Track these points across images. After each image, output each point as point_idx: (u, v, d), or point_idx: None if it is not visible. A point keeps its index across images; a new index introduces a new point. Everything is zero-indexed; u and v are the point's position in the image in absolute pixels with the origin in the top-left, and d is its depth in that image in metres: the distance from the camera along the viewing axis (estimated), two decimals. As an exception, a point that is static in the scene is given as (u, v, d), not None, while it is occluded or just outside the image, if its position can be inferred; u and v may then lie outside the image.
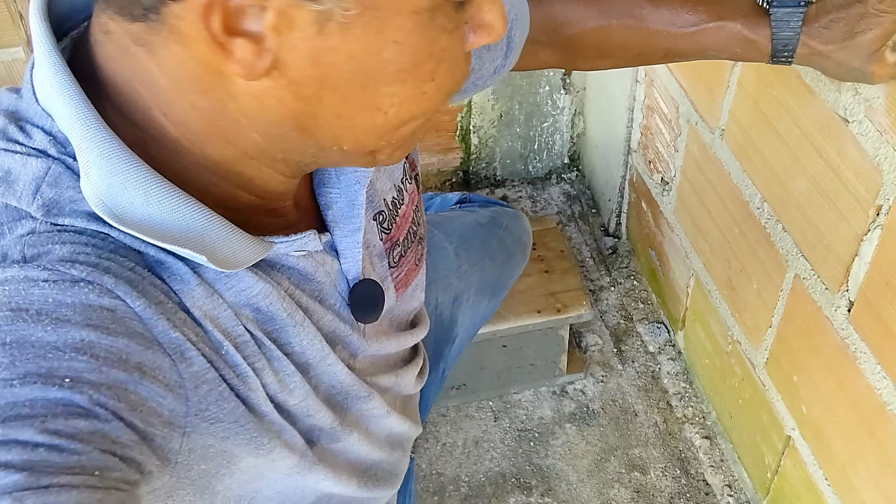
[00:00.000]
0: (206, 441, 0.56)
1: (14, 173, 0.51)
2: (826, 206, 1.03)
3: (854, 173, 0.96)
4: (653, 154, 1.58)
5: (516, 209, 1.42)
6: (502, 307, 1.46)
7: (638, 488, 1.46)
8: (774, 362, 1.25)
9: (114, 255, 0.52)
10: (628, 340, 1.68)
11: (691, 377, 1.60)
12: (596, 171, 1.93)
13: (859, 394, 1.04)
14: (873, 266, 0.96)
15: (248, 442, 0.59)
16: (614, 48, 0.89)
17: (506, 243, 1.28)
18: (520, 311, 1.47)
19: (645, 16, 0.85)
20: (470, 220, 1.27)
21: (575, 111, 1.93)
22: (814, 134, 1.02)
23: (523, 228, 1.35)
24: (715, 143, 1.30)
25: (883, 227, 0.93)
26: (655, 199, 1.61)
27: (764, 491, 1.37)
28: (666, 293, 1.66)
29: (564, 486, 1.46)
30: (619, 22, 0.86)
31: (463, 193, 1.42)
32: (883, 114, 0.89)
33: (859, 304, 1.00)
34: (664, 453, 1.51)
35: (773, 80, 1.09)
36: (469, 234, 1.23)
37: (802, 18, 0.80)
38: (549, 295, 1.49)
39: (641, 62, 0.94)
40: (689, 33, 0.84)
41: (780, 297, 1.19)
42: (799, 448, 1.23)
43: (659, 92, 1.49)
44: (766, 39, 0.82)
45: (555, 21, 0.88)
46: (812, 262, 1.09)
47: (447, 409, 1.58)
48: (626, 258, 1.82)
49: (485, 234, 1.25)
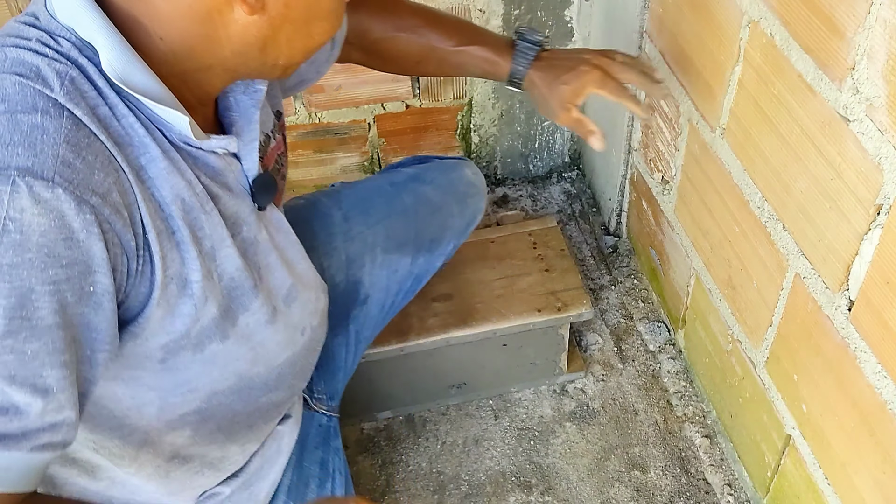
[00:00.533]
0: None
1: (44, 72, 0.70)
2: (827, 205, 1.03)
3: (855, 172, 0.96)
4: (653, 153, 1.58)
5: (464, 160, 1.44)
6: (502, 306, 1.46)
7: (638, 487, 1.46)
8: (775, 361, 1.25)
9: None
10: (629, 339, 1.68)
11: (691, 376, 1.60)
12: (596, 170, 1.93)
13: (859, 393, 1.04)
14: (874, 265, 0.96)
15: (162, 304, 0.76)
16: (400, 55, 1.18)
17: (427, 197, 1.33)
18: (520, 309, 1.47)
19: (425, 34, 1.16)
20: (378, 182, 1.35)
21: (575, 110, 1.93)
22: (814, 133, 1.02)
23: (460, 178, 1.38)
24: (716, 142, 1.30)
25: (883, 226, 0.93)
26: (656, 198, 1.61)
27: (764, 490, 1.37)
28: (666, 292, 1.66)
29: (564, 485, 1.47)
30: (406, 35, 1.16)
31: (417, 156, 1.46)
32: (884, 113, 0.89)
33: (860, 303, 1.00)
34: (664, 452, 1.51)
35: (773, 79, 1.09)
36: (369, 196, 1.32)
37: (536, 55, 1.13)
38: (550, 294, 1.49)
39: (421, 70, 1.22)
40: (454, 51, 1.16)
41: (780, 296, 1.19)
42: (799, 447, 1.23)
43: (660, 91, 1.49)
44: (507, 64, 1.14)
45: (360, 27, 1.15)
46: (813, 262, 1.09)
47: (447, 408, 1.58)
48: (626, 257, 1.82)
49: (394, 192, 1.32)
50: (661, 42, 1.45)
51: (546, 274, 1.52)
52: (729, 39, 1.19)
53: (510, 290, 1.50)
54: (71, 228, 0.66)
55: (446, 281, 1.48)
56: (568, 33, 1.78)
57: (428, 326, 1.45)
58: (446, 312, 1.46)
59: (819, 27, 0.97)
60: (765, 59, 1.11)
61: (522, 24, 1.74)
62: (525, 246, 1.57)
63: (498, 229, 1.60)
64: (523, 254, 1.56)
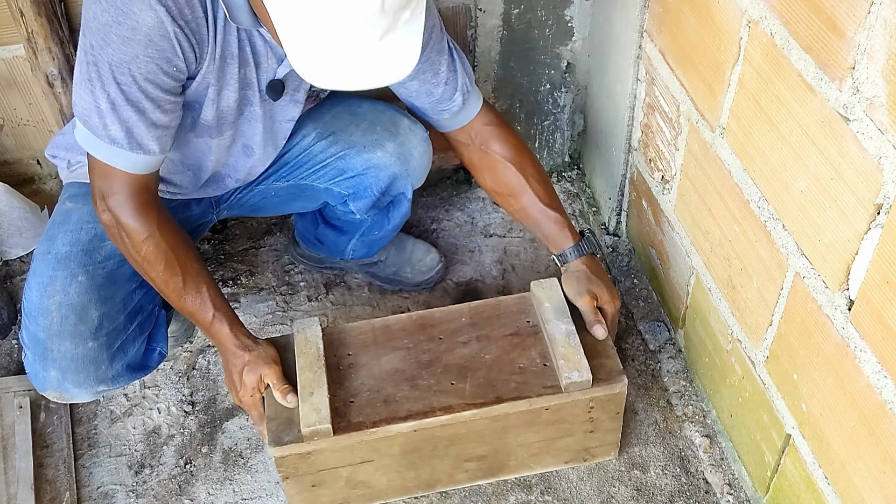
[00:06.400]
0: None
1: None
2: (827, 204, 1.03)
3: (855, 172, 0.96)
4: (653, 152, 1.58)
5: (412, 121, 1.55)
6: (532, 461, 1.45)
7: (638, 486, 1.46)
8: (774, 361, 1.25)
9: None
10: (629, 339, 1.68)
11: (691, 375, 1.60)
12: (596, 170, 1.93)
13: (859, 392, 1.04)
14: (874, 265, 0.96)
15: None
16: (498, 177, 1.44)
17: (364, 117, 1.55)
18: (547, 462, 1.45)
19: (529, 180, 1.43)
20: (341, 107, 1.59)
21: (575, 109, 1.93)
22: (815, 132, 1.02)
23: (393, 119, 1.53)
24: (716, 142, 1.30)
25: (883, 226, 0.93)
26: (656, 198, 1.61)
27: (764, 489, 1.37)
28: (666, 292, 1.66)
29: (564, 485, 1.46)
30: (513, 169, 1.43)
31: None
32: (884, 112, 0.89)
33: (860, 302, 1.00)
34: (664, 452, 1.51)
35: (773, 78, 1.09)
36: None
37: (588, 254, 1.42)
38: (584, 450, 1.45)
39: (501, 200, 1.48)
40: (539, 207, 1.43)
41: (780, 295, 1.19)
42: (799, 446, 1.23)
43: (660, 90, 1.49)
44: (566, 245, 1.42)
45: (485, 136, 1.42)
46: (812, 261, 1.09)
47: (447, 408, 1.58)
48: (626, 257, 1.82)
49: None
50: (661, 42, 1.45)
51: (589, 434, 1.41)
52: (729, 39, 1.19)
53: (546, 449, 1.42)
54: (165, 30, 1.10)
55: (486, 444, 1.36)
56: (568, 33, 1.78)
57: (456, 480, 1.44)
58: (476, 469, 1.42)
59: (819, 27, 0.97)
60: (765, 59, 1.11)
61: (522, 22, 1.74)
62: (580, 411, 1.35)
63: (559, 396, 1.32)
64: (575, 418, 1.36)
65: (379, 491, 1.41)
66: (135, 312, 1.39)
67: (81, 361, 1.32)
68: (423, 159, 1.50)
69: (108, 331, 1.34)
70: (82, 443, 1.56)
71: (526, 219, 1.46)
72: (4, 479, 1.46)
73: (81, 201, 1.39)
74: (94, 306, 1.33)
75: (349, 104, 1.52)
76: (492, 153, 1.43)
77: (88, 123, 1.18)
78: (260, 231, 1.92)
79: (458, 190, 2.00)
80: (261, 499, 1.47)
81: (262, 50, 1.22)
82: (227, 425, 1.58)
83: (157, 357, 1.46)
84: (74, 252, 1.34)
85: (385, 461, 1.34)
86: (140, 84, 1.14)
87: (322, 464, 1.31)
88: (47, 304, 1.32)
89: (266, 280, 1.82)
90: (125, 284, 1.38)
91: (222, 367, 1.65)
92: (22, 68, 1.67)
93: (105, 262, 1.36)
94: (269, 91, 1.28)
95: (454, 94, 1.37)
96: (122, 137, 1.17)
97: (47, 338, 1.31)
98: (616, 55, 1.66)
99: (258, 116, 1.32)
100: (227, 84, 1.23)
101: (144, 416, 1.60)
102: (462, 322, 1.41)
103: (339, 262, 1.79)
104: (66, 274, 1.33)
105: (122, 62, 1.12)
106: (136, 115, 1.16)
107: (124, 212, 1.24)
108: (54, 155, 1.46)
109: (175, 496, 1.48)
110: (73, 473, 1.50)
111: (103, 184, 1.23)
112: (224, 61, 1.20)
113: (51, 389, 1.34)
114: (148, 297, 1.42)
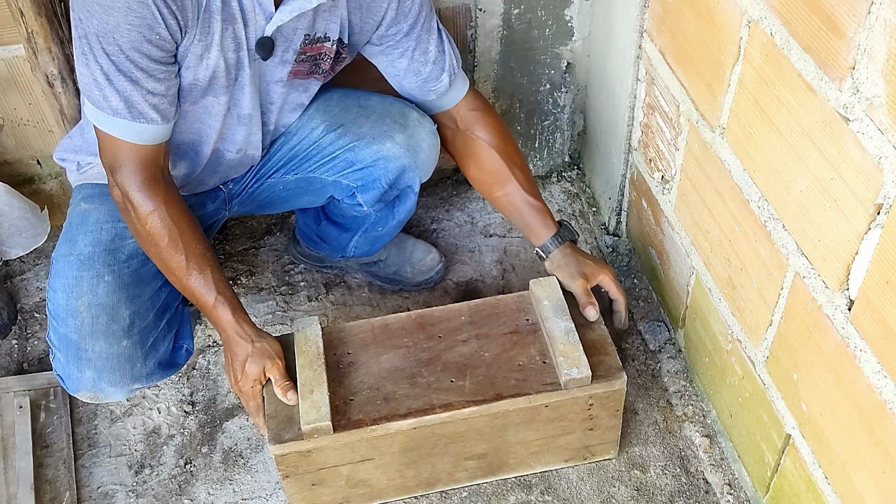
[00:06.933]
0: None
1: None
2: (827, 204, 1.03)
3: (855, 172, 0.96)
4: (653, 152, 1.58)
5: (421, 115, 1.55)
6: (532, 459, 1.45)
7: (638, 486, 1.46)
8: (774, 361, 1.25)
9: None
10: (629, 339, 1.68)
11: (691, 375, 1.60)
12: (596, 170, 1.93)
13: (859, 392, 1.04)
14: (874, 265, 0.96)
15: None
16: (483, 164, 1.48)
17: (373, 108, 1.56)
18: (547, 460, 1.45)
19: (513, 168, 1.46)
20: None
21: (575, 109, 1.93)
22: (814, 132, 1.02)
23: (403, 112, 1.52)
24: (716, 142, 1.30)
25: (883, 226, 0.93)
26: (656, 198, 1.61)
27: (764, 489, 1.37)
28: (666, 291, 1.66)
29: (564, 485, 1.47)
30: (498, 156, 1.46)
31: None
32: (884, 112, 0.89)
33: (860, 302, 1.00)
34: (664, 451, 1.51)
35: (773, 78, 1.09)
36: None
37: (566, 243, 1.45)
38: (584, 448, 1.45)
39: (484, 188, 1.51)
40: (522, 196, 1.46)
41: (780, 295, 1.19)
42: (799, 446, 1.23)
43: (660, 90, 1.49)
44: (545, 237, 1.45)
45: (471, 120, 1.47)
46: (812, 261, 1.09)
47: (447, 407, 1.58)
48: (626, 257, 1.82)
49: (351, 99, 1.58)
50: (661, 41, 1.45)
51: (589, 432, 1.41)
52: (729, 39, 1.19)
53: (545, 447, 1.42)
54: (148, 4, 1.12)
55: (485, 441, 1.36)
56: (568, 33, 1.78)
57: (456, 479, 1.44)
58: (477, 468, 1.42)
59: (819, 27, 0.97)
60: (765, 59, 1.11)
61: (522, 22, 1.74)
62: (580, 408, 1.35)
63: (558, 393, 1.32)
64: (574, 415, 1.36)
65: (379, 490, 1.41)
66: (163, 310, 1.40)
67: (117, 360, 1.33)
68: (431, 152, 1.50)
69: (139, 329, 1.35)
70: (82, 443, 1.56)
71: (508, 207, 1.49)
72: (4, 479, 1.47)
73: (97, 201, 1.39)
74: (124, 305, 1.34)
75: (358, 97, 1.52)
76: (476, 138, 1.46)
77: (91, 97, 1.20)
78: (260, 231, 1.93)
79: (458, 190, 2.00)
80: (261, 499, 1.47)
81: (249, 6, 1.21)
82: (227, 425, 1.58)
83: (184, 354, 1.47)
84: (98, 252, 1.35)
85: (385, 459, 1.34)
86: (127, 54, 1.15)
87: (322, 462, 1.31)
88: (76, 304, 1.32)
89: (266, 280, 1.83)
90: (151, 283, 1.38)
91: (222, 367, 1.65)
92: (22, 68, 1.67)
93: (129, 262, 1.37)
94: (259, 49, 1.26)
95: (441, 74, 1.41)
96: (123, 108, 1.19)
97: (80, 338, 1.32)
98: (616, 55, 1.66)
99: (249, 79, 1.30)
100: (212, 42, 1.22)
101: (144, 416, 1.60)
102: (461, 320, 1.41)
103: (340, 260, 1.78)
104: (92, 274, 1.33)
105: (107, 32, 1.13)
106: (130, 85, 1.17)
107: (132, 185, 1.25)
108: (63, 158, 1.46)
109: (175, 496, 1.48)
110: (73, 473, 1.50)
111: (112, 158, 1.25)
112: (208, 17, 1.19)
113: (85, 390, 1.34)
114: (173, 294, 1.43)
